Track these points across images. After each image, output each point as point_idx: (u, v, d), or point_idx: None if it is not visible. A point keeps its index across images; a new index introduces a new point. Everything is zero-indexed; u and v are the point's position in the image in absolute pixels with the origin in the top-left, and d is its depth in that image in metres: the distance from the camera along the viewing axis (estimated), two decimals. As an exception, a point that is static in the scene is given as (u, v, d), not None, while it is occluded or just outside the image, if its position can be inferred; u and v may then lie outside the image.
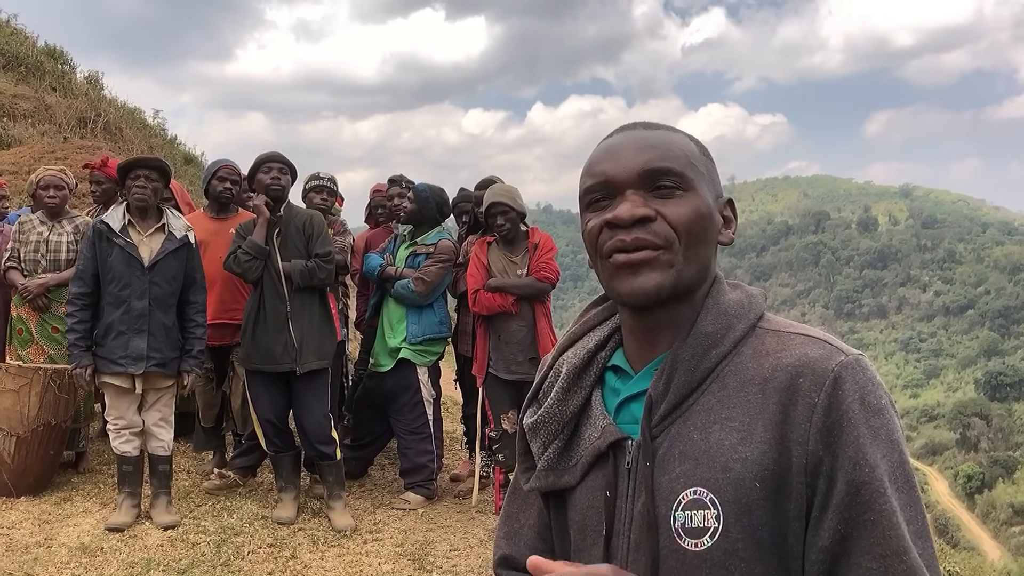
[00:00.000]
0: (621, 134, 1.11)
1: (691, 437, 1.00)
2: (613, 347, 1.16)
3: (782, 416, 0.96)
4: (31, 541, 4.35)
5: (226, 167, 5.33)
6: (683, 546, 0.97)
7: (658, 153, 1.05)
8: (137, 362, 4.47)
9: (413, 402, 5.25)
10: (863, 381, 0.97)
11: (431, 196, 5.27)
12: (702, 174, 1.08)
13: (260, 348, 4.65)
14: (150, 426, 4.65)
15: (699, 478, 0.98)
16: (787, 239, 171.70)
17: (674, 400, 1.02)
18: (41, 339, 5.28)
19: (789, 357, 1.00)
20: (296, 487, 4.86)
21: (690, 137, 1.12)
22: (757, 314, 1.07)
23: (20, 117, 12.23)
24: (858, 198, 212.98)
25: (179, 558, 4.21)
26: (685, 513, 0.98)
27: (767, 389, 0.98)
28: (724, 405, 1.00)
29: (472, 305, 4.95)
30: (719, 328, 1.04)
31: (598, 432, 1.09)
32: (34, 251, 5.28)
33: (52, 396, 4.96)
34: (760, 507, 0.95)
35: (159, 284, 4.53)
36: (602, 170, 1.07)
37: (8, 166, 9.71)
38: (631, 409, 1.09)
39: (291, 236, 4.74)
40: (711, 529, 0.96)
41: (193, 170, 14.05)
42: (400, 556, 4.41)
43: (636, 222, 1.02)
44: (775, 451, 0.95)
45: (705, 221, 1.05)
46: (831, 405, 0.95)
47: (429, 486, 5.29)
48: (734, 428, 0.98)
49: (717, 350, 1.03)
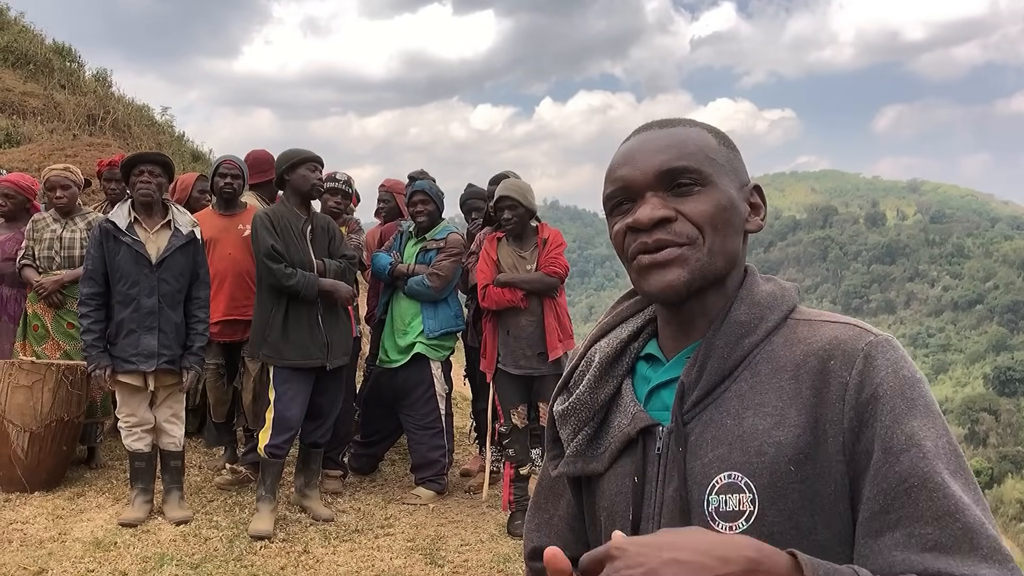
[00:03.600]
0: (637, 136, 1.12)
1: (724, 423, 1.01)
2: (646, 338, 1.17)
3: (815, 399, 0.97)
4: (45, 536, 4.38)
5: (226, 163, 5.34)
6: (717, 530, 0.97)
7: (673, 153, 1.06)
8: (148, 359, 4.48)
9: (426, 397, 5.26)
10: (894, 358, 0.97)
11: (439, 191, 5.34)
12: (721, 166, 1.08)
13: (294, 345, 4.62)
14: (161, 422, 4.67)
15: (733, 462, 0.98)
16: (795, 234, 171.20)
17: (707, 386, 1.03)
18: (57, 335, 5.31)
19: (819, 341, 1.01)
20: (276, 498, 4.73)
21: (709, 129, 1.12)
22: (790, 306, 1.08)
23: (29, 115, 12.25)
24: (866, 193, 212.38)
25: (192, 552, 4.23)
26: (719, 497, 0.98)
27: (800, 374, 0.99)
28: (757, 391, 1.01)
29: (481, 300, 4.95)
30: (752, 317, 1.05)
31: (628, 419, 1.10)
32: (48, 248, 5.30)
33: (65, 392, 4.99)
34: (796, 490, 0.95)
35: (167, 281, 4.54)
36: (621, 175, 1.09)
37: (19, 163, 9.72)
38: (661, 396, 1.10)
39: (319, 236, 4.75)
40: (746, 513, 0.96)
41: (201, 167, 14.06)
42: (411, 551, 4.42)
43: (656, 224, 1.04)
44: (809, 434, 0.96)
45: (728, 213, 1.06)
46: (863, 382, 0.95)
47: (440, 481, 5.31)
48: (767, 413, 0.99)
49: (750, 338, 1.04)
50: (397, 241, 5.49)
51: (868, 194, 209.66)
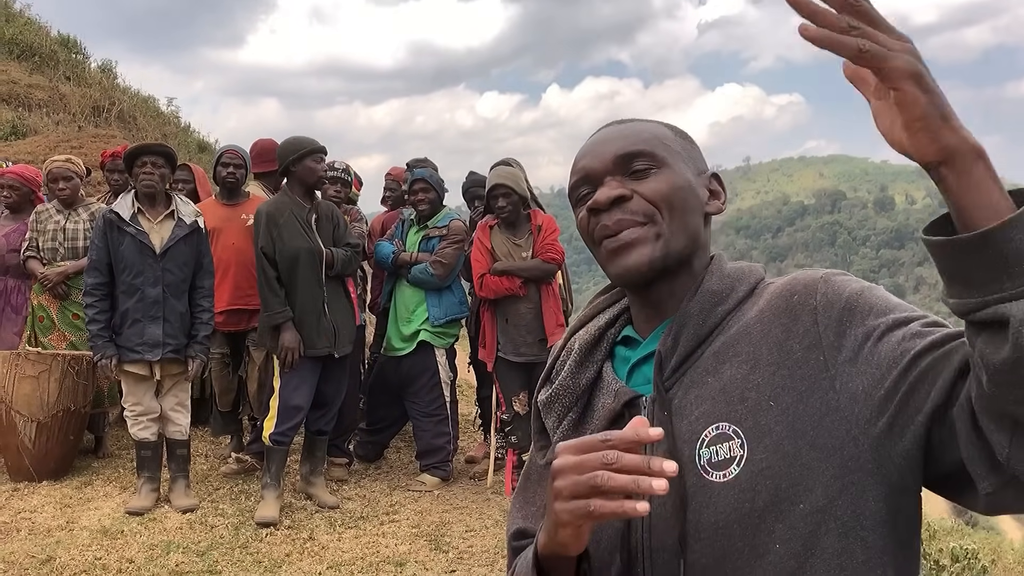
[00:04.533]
0: (598, 133, 1.19)
1: (705, 381, 1.04)
2: (622, 324, 1.21)
3: (785, 334, 1.01)
4: (53, 524, 4.42)
5: (228, 152, 5.36)
6: (710, 480, 1.00)
7: (628, 140, 1.13)
8: (154, 349, 4.51)
9: (431, 384, 5.28)
10: (851, 277, 1.04)
11: (439, 178, 5.34)
12: (677, 152, 1.14)
13: (306, 334, 4.63)
14: (167, 411, 4.70)
15: (718, 414, 1.01)
16: (803, 219, 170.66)
17: (684, 352, 1.07)
18: (62, 326, 5.34)
19: (778, 287, 1.08)
20: (280, 485, 4.76)
21: (664, 124, 1.19)
22: (759, 277, 1.13)
23: (35, 107, 12.28)
24: (875, 177, 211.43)
25: (198, 540, 4.27)
26: (710, 449, 1.01)
27: (765, 319, 1.05)
28: (730, 345, 1.05)
29: (479, 290, 4.96)
30: (724, 287, 1.10)
31: (611, 397, 1.12)
32: (52, 240, 5.32)
33: (71, 382, 5.02)
34: (778, 422, 0.98)
35: (171, 271, 4.56)
36: (581, 166, 1.16)
37: (25, 155, 9.75)
38: (642, 371, 1.13)
39: (324, 224, 4.76)
40: (737, 457, 0.99)
41: (207, 157, 14.08)
42: (416, 537, 4.45)
43: (613, 203, 1.09)
44: (784, 368, 0.99)
45: (684, 192, 1.11)
46: (831, 300, 1.00)
47: (445, 468, 5.33)
48: (743, 361, 1.03)
49: (723, 306, 1.09)
50: (399, 229, 5.49)
51: (877, 178, 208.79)
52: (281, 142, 4.83)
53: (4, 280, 5.54)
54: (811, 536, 0.95)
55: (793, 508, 0.96)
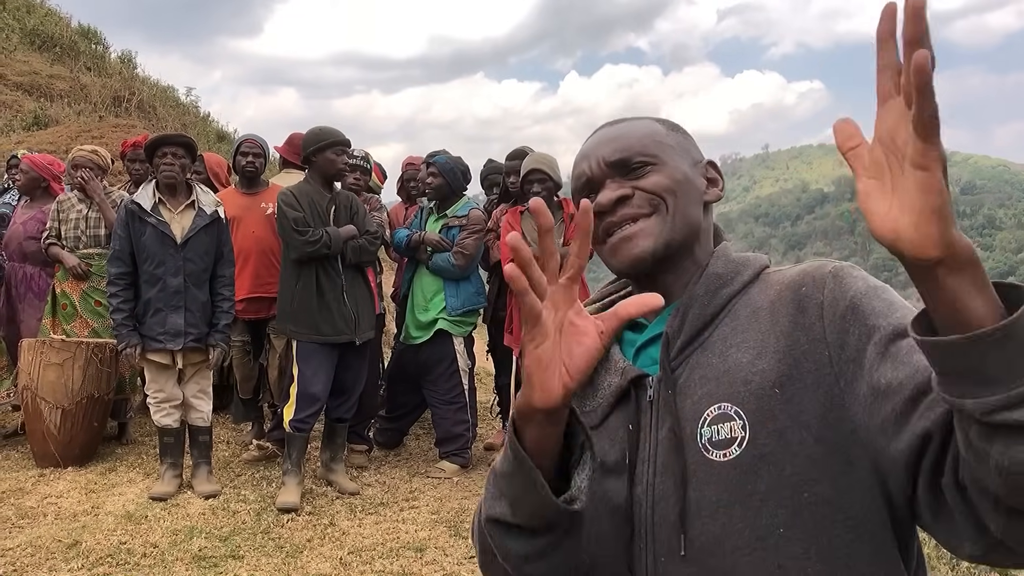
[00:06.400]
0: (593, 136, 1.23)
1: (710, 362, 1.07)
2: None
3: (793, 325, 1.03)
4: (79, 509, 4.48)
5: (247, 141, 5.40)
6: (711, 458, 1.02)
7: (623, 143, 1.17)
8: (176, 338, 4.56)
9: (449, 372, 5.31)
10: (859, 274, 1.04)
11: (455, 167, 5.32)
12: (671, 147, 1.18)
13: (325, 321, 4.68)
14: (189, 398, 4.75)
15: (721, 395, 1.03)
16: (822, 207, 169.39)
17: (691, 333, 1.10)
18: (85, 313, 5.40)
19: (789, 277, 1.09)
20: (301, 471, 4.79)
21: (657, 120, 1.22)
22: (763, 264, 1.16)
23: (56, 97, 12.39)
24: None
25: (220, 526, 4.32)
26: (711, 428, 1.03)
27: (776, 308, 1.06)
28: (738, 332, 1.08)
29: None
30: (729, 271, 1.13)
31: (618, 375, 1.14)
32: (74, 228, 5.39)
33: (95, 369, 5.09)
34: (782, 411, 0.99)
35: (192, 260, 4.60)
36: (580, 172, 1.20)
37: (47, 145, 9.85)
38: (648, 352, 1.16)
39: (341, 214, 4.79)
40: (739, 438, 1.00)
41: (226, 147, 14.16)
42: (436, 523, 4.48)
43: (617, 203, 1.14)
44: (791, 358, 1.01)
45: (683, 184, 1.15)
46: (836, 297, 1.01)
47: (464, 455, 5.36)
48: (749, 347, 1.05)
49: (728, 288, 1.12)
50: (418, 218, 5.52)
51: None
52: (307, 131, 4.86)
53: (24, 267, 5.61)
54: (818, 527, 0.97)
55: (797, 496, 0.97)
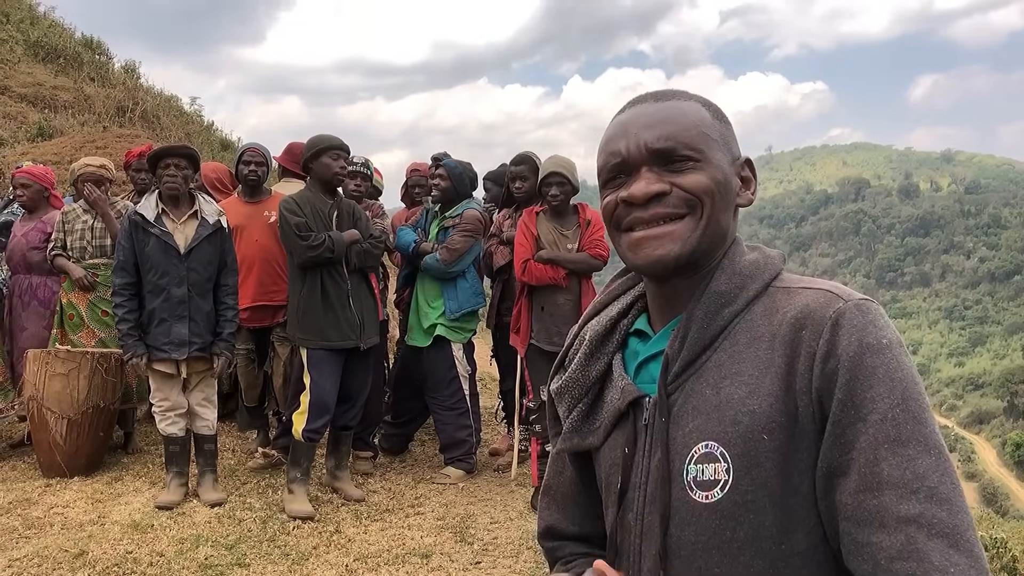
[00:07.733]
0: (632, 109, 1.12)
1: (704, 392, 1.02)
2: (636, 314, 1.19)
3: (787, 368, 0.98)
4: (85, 519, 4.49)
5: (249, 150, 5.42)
6: (694, 498, 1.00)
7: (669, 129, 1.06)
8: (180, 348, 4.57)
9: (449, 378, 5.32)
10: (861, 324, 0.96)
11: (464, 173, 5.34)
12: (715, 141, 1.08)
13: (331, 326, 4.69)
14: (194, 406, 4.76)
15: (710, 432, 1.00)
16: (827, 208, 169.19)
17: (688, 357, 1.05)
18: (92, 323, 5.42)
19: (793, 310, 1.01)
20: (308, 480, 4.80)
21: (702, 102, 1.12)
22: (772, 273, 1.08)
23: (61, 108, 12.43)
24: (899, 165, 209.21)
25: (226, 534, 4.32)
26: (697, 467, 1.00)
27: (775, 344, 1.00)
28: (735, 360, 1.02)
29: (520, 275, 4.96)
30: (732, 287, 1.06)
31: (618, 393, 1.12)
32: (80, 239, 5.41)
33: (100, 379, 5.10)
34: (769, 459, 0.96)
35: (196, 270, 4.62)
36: (616, 149, 1.09)
37: (51, 156, 9.89)
38: (650, 369, 1.12)
39: (344, 220, 4.80)
40: (721, 482, 0.98)
41: (230, 156, 14.20)
42: (442, 529, 4.48)
43: (651, 198, 1.05)
44: (782, 403, 0.97)
45: (721, 188, 1.07)
46: (829, 352, 0.95)
47: (469, 460, 5.37)
48: (743, 382, 1.00)
49: (730, 308, 1.05)
50: (422, 219, 5.54)
51: (901, 166, 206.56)
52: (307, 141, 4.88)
53: (28, 277, 5.63)
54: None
55: (776, 547, 0.96)
